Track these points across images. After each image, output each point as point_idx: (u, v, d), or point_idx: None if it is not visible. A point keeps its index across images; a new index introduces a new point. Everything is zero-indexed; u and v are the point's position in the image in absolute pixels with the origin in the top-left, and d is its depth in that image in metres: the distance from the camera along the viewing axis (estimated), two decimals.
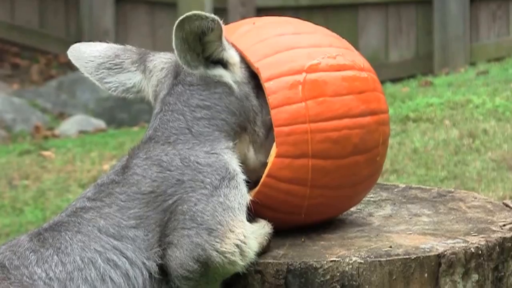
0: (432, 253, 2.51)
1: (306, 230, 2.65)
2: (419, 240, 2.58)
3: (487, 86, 7.80)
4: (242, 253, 2.38)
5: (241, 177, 2.46)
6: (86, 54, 2.60)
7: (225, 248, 2.35)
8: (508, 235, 2.62)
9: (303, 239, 2.61)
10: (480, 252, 2.55)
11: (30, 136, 8.29)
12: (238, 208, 2.41)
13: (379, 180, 2.84)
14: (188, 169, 2.41)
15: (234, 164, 2.47)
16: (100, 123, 8.56)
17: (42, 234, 2.33)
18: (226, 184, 2.41)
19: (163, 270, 2.36)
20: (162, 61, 2.60)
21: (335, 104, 2.57)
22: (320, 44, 2.63)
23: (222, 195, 2.40)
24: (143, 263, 2.33)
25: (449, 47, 9.78)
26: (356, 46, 4.12)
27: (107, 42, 2.67)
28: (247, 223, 2.43)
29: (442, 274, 2.52)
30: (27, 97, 9.08)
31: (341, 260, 2.48)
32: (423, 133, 6.75)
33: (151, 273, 2.34)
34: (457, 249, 2.53)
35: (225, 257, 2.35)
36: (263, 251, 2.50)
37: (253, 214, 2.52)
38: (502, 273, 2.61)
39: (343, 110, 2.57)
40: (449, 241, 2.58)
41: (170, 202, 2.38)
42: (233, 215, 2.39)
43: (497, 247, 2.58)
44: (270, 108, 2.55)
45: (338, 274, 2.47)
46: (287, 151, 2.54)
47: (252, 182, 2.55)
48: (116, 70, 2.60)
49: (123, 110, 8.82)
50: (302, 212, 2.59)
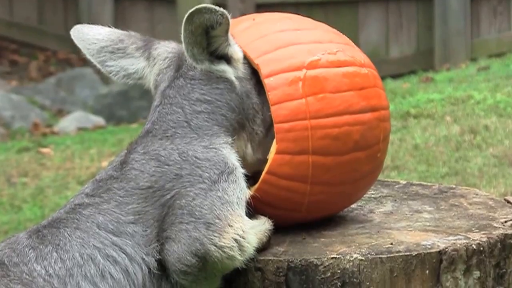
0: (434, 250, 2.50)
1: (307, 227, 2.64)
2: (420, 237, 2.57)
3: (488, 82, 7.79)
4: (240, 248, 2.37)
5: (240, 171, 2.45)
6: (89, 36, 2.57)
7: (223, 243, 2.34)
8: (509, 231, 2.61)
9: (303, 236, 2.60)
10: (482, 248, 2.54)
11: (29, 133, 8.28)
12: (237, 203, 2.40)
13: (380, 177, 2.83)
14: (186, 163, 2.39)
15: (233, 159, 2.46)
16: (99, 120, 8.55)
17: (41, 231, 2.32)
18: (225, 179, 2.40)
19: (163, 265, 2.35)
20: (166, 50, 2.58)
21: (335, 100, 2.56)
22: (320, 40, 2.62)
23: (220, 190, 2.38)
24: (143, 259, 2.32)
25: (450, 43, 9.77)
26: (357, 42, 4.11)
27: (109, 27, 2.64)
28: (246, 217, 2.42)
29: (444, 271, 2.51)
30: (25, 94, 9.08)
31: (341, 257, 2.47)
32: (424, 129, 6.74)
33: (150, 269, 2.33)
34: (458, 245, 2.52)
35: (224, 252, 2.34)
36: (263, 248, 2.49)
37: (253, 211, 2.51)
38: (504, 270, 2.61)
39: (343, 107, 2.56)
40: (451, 237, 2.57)
41: (168, 196, 2.37)
42: (232, 209, 2.37)
43: (499, 244, 2.58)
44: (270, 104, 2.54)
45: (339, 271, 2.46)
46: (287, 148, 2.53)
47: (251, 176, 2.54)
48: (118, 55, 2.58)
49: (122, 107, 8.81)
50: (303, 209, 2.59)
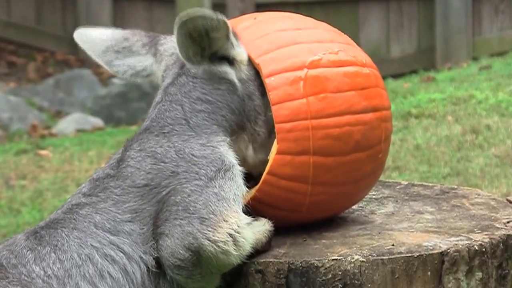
0: (435, 251, 2.49)
1: (308, 228, 2.63)
2: (422, 238, 2.56)
3: (490, 81, 7.78)
4: (235, 242, 2.34)
5: (237, 168, 2.44)
6: (93, 37, 2.56)
7: (217, 237, 2.31)
8: None
9: (304, 238, 2.59)
10: (484, 249, 2.53)
11: (27, 135, 8.26)
12: (234, 199, 2.38)
13: (381, 177, 2.82)
14: (182, 161, 2.38)
15: (230, 156, 2.44)
16: (98, 122, 8.53)
17: (38, 232, 2.32)
18: (222, 176, 2.39)
19: (159, 264, 2.34)
20: (173, 45, 2.56)
21: (336, 100, 2.55)
22: (321, 40, 2.60)
23: (217, 186, 2.37)
24: (140, 258, 2.31)
25: (451, 42, 9.75)
26: (357, 41, 4.09)
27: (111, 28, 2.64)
28: (242, 214, 2.40)
29: (446, 272, 2.50)
30: (23, 95, 9.06)
31: (343, 259, 2.46)
32: (425, 129, 6.73)
33: (148, 268, 2.32)
34: (460, 246, 2.51)
35: (218, 246, 2.32)
36: (264, 250, 2.48)
37: (253, 212, 2.49)
38: (506, 271, 2.60)
39: (345, 107, 2.55)
40: (453, 238, 2.56)
41: (164, 193, 2.35)
42: (228, 205, 2.36)
43: (501, 245, 2.57)
44: (271, 104, 2.53)
45: (340, 273, 2.45)
46: (288, 148, 2.52)
47: (252, 177, 2.53)
48: (124, 53, 2.57)
49: (121, 108, 8.79)
50: (303, 209, 2.57)
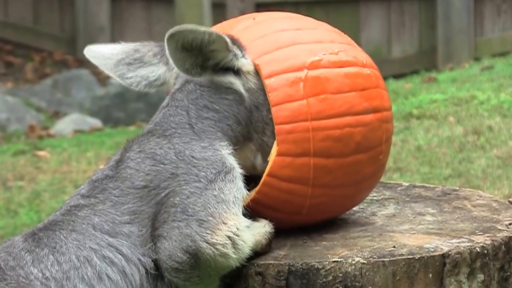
0: (437, 253, 2.48)
1: (308, 230, 2.62)
2: (423, 240, 2.55)
3: (492, 82, 7.77)
4: (234, 245, 2.33)
5: (238, 171, 2.42)
6: (104, 52, 2.57)
7: (216, 240, 2.30)
8: None
9: (304, 240, 2.58)
10: (486, 251, 2.52)
11: (25, 136, 8.25)
12: (233, 202, 2.37)
13: (382, 179, 2.81)
14: (182, 163, 2.37)
15: (231, 159, 2.43)
16: (96, 122, 8.52)
17: (36, 234, 2.31)
18: (222, 178, 2.38)
19: (158, 266, 2.32)
20: None
21: (337, 101, 2.53)
22: (321, 40, 2.59)
23: (216, 189, 2.36)
24: (139, 260, 2.30)
25: (453, 42, 9.74)
26: (358, 42, 4.08)
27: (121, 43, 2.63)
28: (242, 217, 2.39)
29: (447, 274, 2.49)
30: (21, 95, 9.05)
31: (343, 261, 2.44)
32: (427, 130, 6.71)
33: (147, 270, 2.31)
34: (462, 248, 2.50)
35: (216, 249, 2.30)
36: (264, 252, 2.47)
37: (253, 214, 2.48)
38: (508, 273, 2.59)
39: (345, 108, 2.54)
40: (454, 240, 2.55)
41: (163, 195, 2.35)
42: (227, 207, 2.35)
43: (503, 247, 2.56)
44: (270, 105, 2.52)
45: (341, 275, 2.44)
46: (288, 150, 2.51)
47: (252, 179, 2.51)
48: (136, 65, 2.57)
49: (119, 109, 8.78)
50: (304, 211, 2.56)
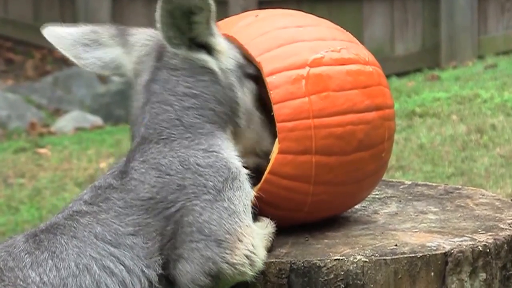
0: (439, 252, 2.47)
1: (310, 228, 2.61)
2: (425, 238, 2.54)
3: (495, 80, 7.76)
4: (251, 263, 2.35)
5: (243, 173, 2.41)
6: (61, 32, 2.52)
7: (236, 260, 2.32)
8: None
9: (306, 238, 2.58)
10: (488, 250, 2.51)
11: (26, 133, 8.25)
12: (244, 211, 2.36)
13: (384, 177, 2.80)
14: (188, 172, 2.35)
15: (234, 160, 2.42)
16: (97, 120, 8.51)
17: (38, 235, 2.28)
18: (230, 186, 2.36)
19: (165, 280, 2.31)
20: (144, 36, 2.52)
21: (339, 99, 2.53)
22: (323, 38, 2.58)
23: (226, 199, 2.35)
24: (142, 271, 2.28)
25: (456, 40, 9.73)
26: (361, 39, 4.06)
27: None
28: (253, 226, 2.39)
29: (449, 273, 2.48)
30: (22, 93, 9.05)
31: (345, 259, 2.44)
32: (430, 129, 6.71)
33: (151, 282, 2.29)
34: (464, 247, 2.49)
35: (235, 269, 2.33)
36: (267, 251, 2.46)
37: (256, 212, 2.47)
38: (510, 272, 2.58)
39: (347, 105, 2.53)
40: (456, 239, 2.54)
41: (173, 210, 2.32)
42: (240, 220, 2.34)
43: (505, 245, 2.55)
44: (272, 103, 2.51)
45: (342, 273, 2.43)
46: (290, 147, 2.50)
47: (254, 176, 2.50)
48: (93, 46, 2.52)
49: (120, 106, 8.77)
50: (305, 209, 2.56)
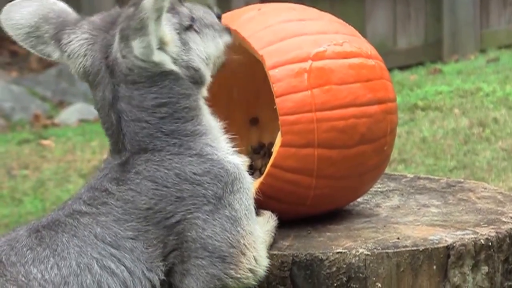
0: (441, 245, 2.48)
1: (312, 221, 2.61)
2: (427, 232, 2.54)
3: (497, 74, 7.75)
4: (254, 274, 2.35)
5: (241, 168, 2.37)
6: (14, 21, 2.40)
7: (240, 274, 2.32)
8: None
9: (308, 231, 2.58)
10: (490, 243, 2.51)
11: (29, 125, 8.25)
12: (245, 215, 2.34)
13: (387, 170, 2.80)
14: (186, 184, 2.31)
15: (229, 157, 2.36)
16: None
17: (40, 231, 2.27)
18: (230, 189, 2.33)
19: (166, 286, 2.31)
20: (80, 44, 2.37)
21: (341, 92, 2.53)
22: (326, 31, 2.58)
23: (227, 205, 2.32)
24: (143, 274, 2.27)
25: (459, 34, 9.72)
26: (363, 33, 4.06)
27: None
28: (255, 230, 2.36)
29: (451, 266, 2.48)
30: (26, 85, 9.04)
31: (347, 252, 2.44)
32: (432, 122, 6.70)
33: (154, 285, 2.28)
34: (466, 240, 2.49)
35: (240, 282, 2.33)
36: (269, 246, 2.46)
37: (257, 205, 2.48)
38: None
39: (349, 99, 2.53)
40: (458, 232, 2.54)
41: (173, 220, 2.30)
42: (242, 229, 2.33)
43: (508, 239, 2.55)
44: (275, 96, 2.51)
45: (345, 266, 2.44)
46: (292, 141, 2.50)
47: (254, 167, 2.49)
48: (42, 40, 2.41)
49: None
50: (308, 202, 2.56)
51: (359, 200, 2.77)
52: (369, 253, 2.44)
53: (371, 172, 2.62)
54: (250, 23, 2.59)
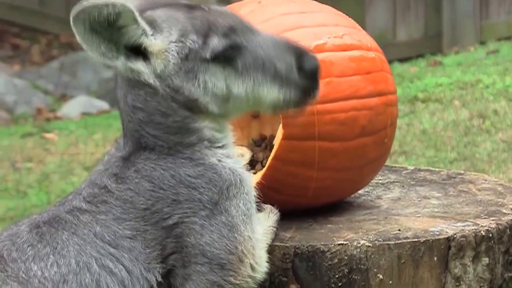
0: (442, 236, 2.48)
1: (313, 213, 2.62)
2: (428, 223, 2.55)
3: (497, 66, 7.75)
4: (253, 278, 2.35)
5: (238, 174, 2.32)
6: None
7: (239, 281, 2.33)
8: None
9: (310, 222, 2.58)
10: (491, 235, 2.52)
11: (32, 118, 8.26)
12: (243, 220, 2.32)
13: (387, 162, 2.81)
14: (181, 187, 2.29)
15: (224, 162, 2.32)
16: (103, 105, 8.50)
17: (40, 227, 2.28)
18: (226, 195, 2.30)
19: (163, 287, 2.31)
20: None
21: (342, 85, 2.53)
22: (326, 24, 2.59)
23: (223, 211, 2.30)
24: (141, 274, 2.27)
25: (458, 26, 9.71)
26: (363, 25, 4.06)
27: None
28: (253, 234, 2.34)
29: (452, 258, 2.49)
30: (28, 78, 9.05)
31: (349, 244, 2.45)
32: (432, 114, 6.70)
33: (151, 286, 2.28)
34: (467, 232, 2.50)
35: (240, 287, 2.34)
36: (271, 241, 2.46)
37: (259, 197, 2.48)
38: None
39: (350, 91, 2.54)
40: (459, 224, 2.55)
41: (170, 222, 2.29)
42: (239, 234, 2.31)
43: (508, 230, 2.56)
44: None
45: (346, 257, 2.44)
46: (293, 133, 2.51)
47: (256, 160, 2.48)
48: None
49: None
50: (309, 194, 2.56)
51: (360, 192, 2.77)
52: (371, 244, 2.45)
53: (372, 164, 2.63)
54: (250, 16, 2.58)
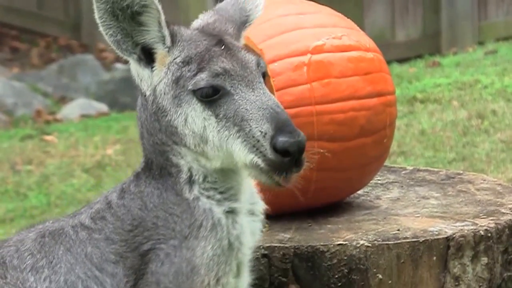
0: (441, 236, 2.49)
1: (313, 213, 2.63)
2: (427, 223, 2.56)
3: (495, 66, 7.75)
4: None
5: (211, 218, 2.23)
6: None
7: None
8: None
9: (309, 223, 2.59)
10: (490, 234, 2.53)
11: (32, 121, 8.26)
12: (207, 265, 2.22)
13: (386, 162, 2.81)
14: (161, 210, 2.23)
15: (201, 202, 2.24)
16: (102, 107, 8.51)
17: (45, 237, 2.30)
18: (195, 235, 2.22)
19: None
20: None
21: (340, 85, 2.54)
22: (324, 25, 2.59)
23: (190, 249, 2.22)
24: None
25: (456, 26, 9.72)
26: (362, 26, 4.06)
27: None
28: (219, 283, 2.23)
29: (451, 257, 2.49)
30: (27, 81, 9.06)
31: (348, 244, 2.45)
32: (431, 114, 6.71)
33: None
34: (466, 232, 2.51)
35: None
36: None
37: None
38: None
39: (349, 92, 2.54)
40: (458, 223, 2.55)
41: (145, 248, 2.25)
42: (198, 277, 2.22)
43: (507, 230, 2.56)
44: (274, 89, 2.52)
45: (346, 257, 2.45)
46: None
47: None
48: None
49: (126, 93, 8.77)
50: (309, 195, 2.57)
51: (359, 192, 2.78)
52: (370, 244, 2.45)
53: (371, 165, 2.63)
54: None
